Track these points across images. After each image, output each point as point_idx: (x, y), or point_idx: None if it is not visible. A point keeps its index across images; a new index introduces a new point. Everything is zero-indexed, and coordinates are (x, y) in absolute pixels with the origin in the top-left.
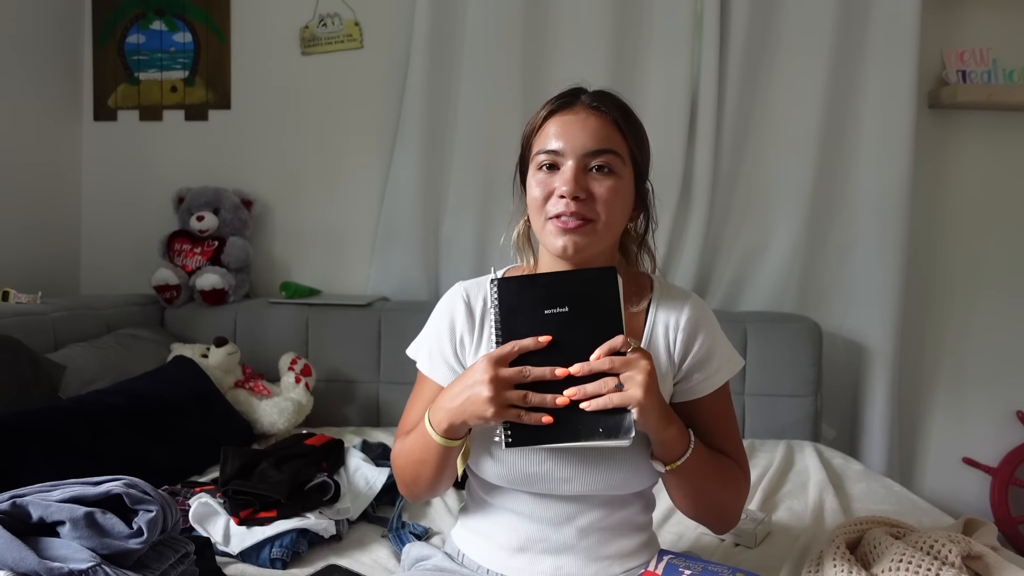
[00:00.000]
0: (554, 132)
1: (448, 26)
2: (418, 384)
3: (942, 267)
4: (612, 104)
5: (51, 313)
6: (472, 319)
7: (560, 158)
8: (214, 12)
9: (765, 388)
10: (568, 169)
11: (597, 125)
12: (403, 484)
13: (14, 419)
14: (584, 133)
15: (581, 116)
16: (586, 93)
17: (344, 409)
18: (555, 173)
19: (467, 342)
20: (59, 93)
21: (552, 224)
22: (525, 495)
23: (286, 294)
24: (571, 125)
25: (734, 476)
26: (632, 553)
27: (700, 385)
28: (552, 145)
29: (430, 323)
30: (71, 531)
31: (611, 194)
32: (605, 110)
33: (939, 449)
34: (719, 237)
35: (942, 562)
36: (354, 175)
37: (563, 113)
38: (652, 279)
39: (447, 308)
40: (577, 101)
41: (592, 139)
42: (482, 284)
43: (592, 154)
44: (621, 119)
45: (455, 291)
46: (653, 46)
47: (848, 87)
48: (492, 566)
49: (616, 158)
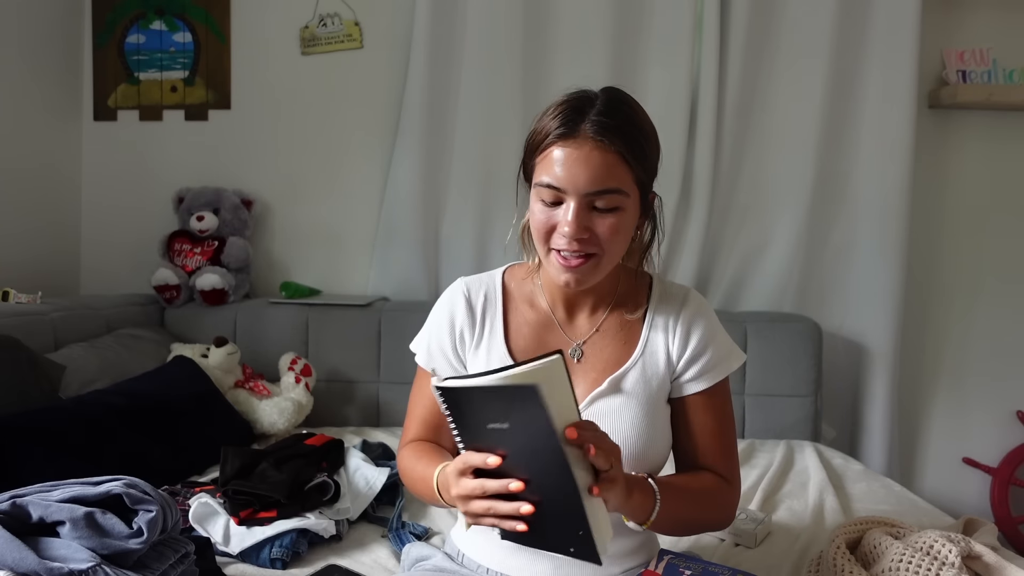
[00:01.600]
0: (557, 165)
1: (448, 26)
2: (418, 378)
3: (942, 267)
4: (618, 133)
5: (51, 313)
6: (473, 315)
7: (562, 194)
8: (214, 12)
9: (765, 388)
10: (571, 210)
11: (600, 162)
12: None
13: (14, 419)
14: (587, 172)
15: (584, 151)
16: (590, 118)
17: (344, 409)
18: (558, 208)
19: (467, 338)
20: (59, 93)
21: (555, 257)
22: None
23: (286, 294)
24: (574, 162)
25: (714, 497)
26: (630, 553)
27: (696, 380)
28: (554, 181)
29: (431, 318)
30: (71, 531)
31: (612, 232)
32: (609, 143)
33: (939, 449)
34: (719, 237)
35: (942, 562)
36: (354, 175)
37: (566, 143)
38: (652, 278)
39: (447, 304)
40: (580, 130)
41: (594, 179)
42: (484, 280)
43: (595, 194)
44: (627, 151)
45: (456, 287)
46: (653, 46)
47: (848, 87)
48: (492, 565)
49: (620, 196)
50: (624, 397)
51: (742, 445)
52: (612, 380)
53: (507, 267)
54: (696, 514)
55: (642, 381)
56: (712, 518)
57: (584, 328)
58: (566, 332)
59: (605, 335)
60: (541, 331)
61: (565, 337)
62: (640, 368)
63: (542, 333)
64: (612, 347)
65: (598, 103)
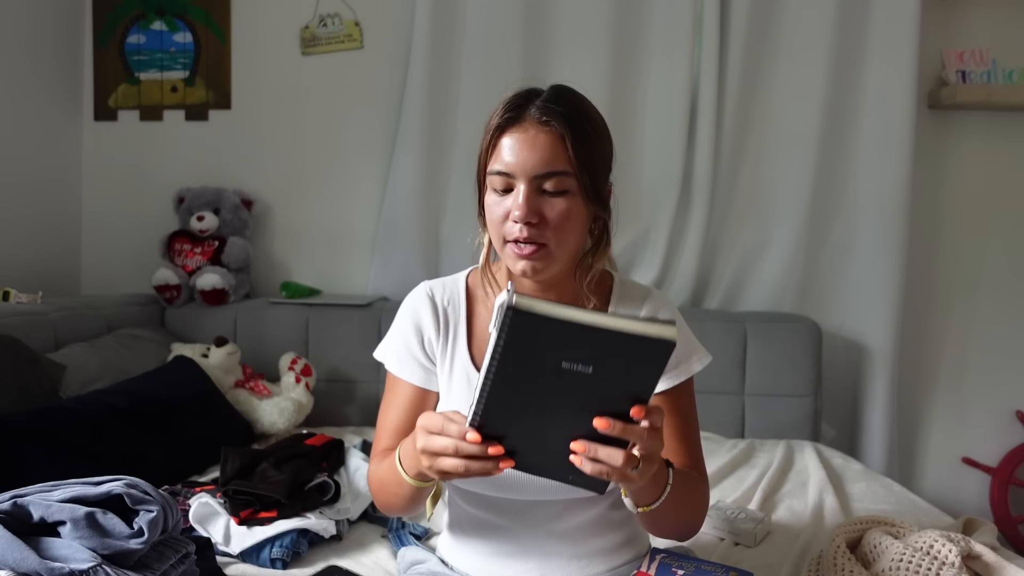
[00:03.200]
0: (505, 150)
1: (448, 26)
2: (389, 387)
3: (942, 267)
4: (561, 116)
5: (51, 313)
6: (438, 320)
7: (512, 180)
8: (214, 12)
9: (765, 388)
10: (520, 193)
11: (546, 143)
12: (378, 504)
13: (14, 419)
14: (534, 154)
15: (530, 134)
16: (535, 103)
17: (344, 409)
18: (508, 196)
19: (435, 341)
20: (59, 93)
21: (510, 248)
22: (493, 498)
23: (286, 294)
24: (521, 145)
25: (700, 496)
26: (614, 550)
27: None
28: (503, 167)
29: (395, 325)
30: (72, 531)
31: (562, 218)
32: (554, 125)
33: (939, 449)
34: (719, 237)
35: (942, 562)
36: (354, 175)
37: (513, 129)
38: (614, 277)
39: (411, 310)
40: (526, 115)
41: (541, 161)
42: (448, 284)
43: (543, 176)
44: (572, 134)
45: (419, 291)
46: (653, 46)
47: (848, 87)
48: (471, 571)
49: (567, 178)
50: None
51: (742, 445)
52: None
53: (471, 270)
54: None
55: None
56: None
57: None
58: None
59: None
60: None
61: None
62: None
63: None
64: None
65: (544, 93)
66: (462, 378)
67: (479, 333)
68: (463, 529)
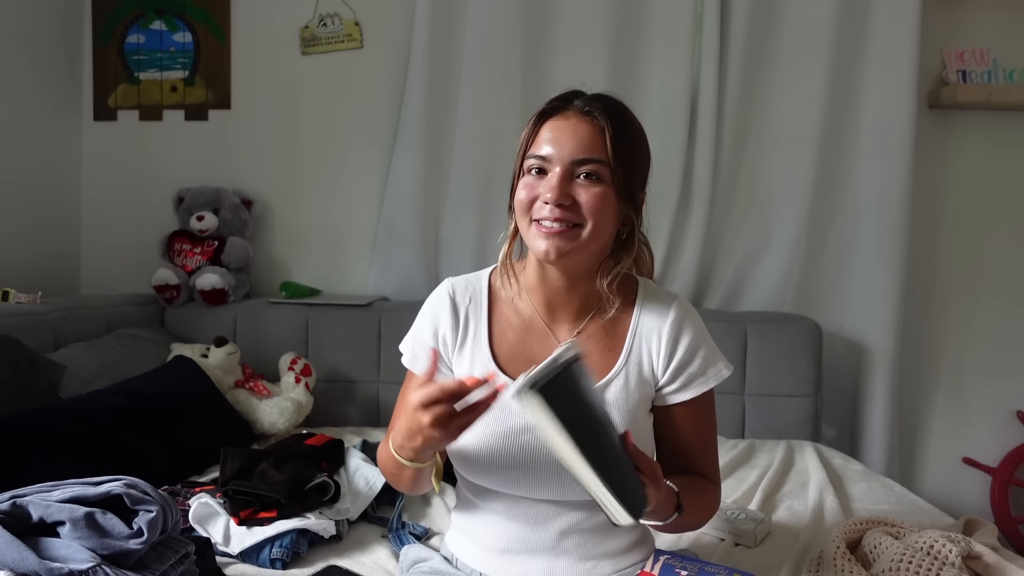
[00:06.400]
0: (545, 137)
1: (448, 26)
2: (407, 379)
3: (942, 267)
4: (605, 110)
5: (51, 313)
6: (456, 318)
7: (548, 164)
8: (214, 12)
9: (765, 388)
10: (554, 175)
11: (587, 132)
12: (390, 483)
13: (14, 419)
14: (573, 140)
15: (572, 122)
16: (581, 97)
17: (344, 409)
18: (543, 178)
19: (450, 341)
20: (59, 93)
21: (536, 227)
22: (506, 496)
23: (286, 294)
24: (561, 131)
25: (711, 503)
26: (623, 552)
27: (682, 391)
28: (542, 151)
29: (418, 319)
30: (71, 531)
31: (597, 201)
32: (597, 116)
33: (939, 449)
34: (719, 237)
35: (942, 562)
36: (354, 175)
37: (556, 118)
38: (638, 282)
39: (432, 307)
40: (570, 106)
41: (580, 147)
42: (470, 280)
43: (579, 162)
44: (612, 127)
45: (441, 289)
46: (653, 46)
47: (848, 87)
48: (478, 567)
49: (604, 167)
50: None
51: (742, 445)
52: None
53: (493, 268)
54: (696, 518)
55: (624, 392)
56: (702, 520)
57: (567, 332)
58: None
59: (589, 341)
60: (525, 334)
61: (552, 340)
62: (623, 378)
63: (526, 336)
64: (595, 354)
65: (590, 94)
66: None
67: (500, 330)
68: (474, 525)
